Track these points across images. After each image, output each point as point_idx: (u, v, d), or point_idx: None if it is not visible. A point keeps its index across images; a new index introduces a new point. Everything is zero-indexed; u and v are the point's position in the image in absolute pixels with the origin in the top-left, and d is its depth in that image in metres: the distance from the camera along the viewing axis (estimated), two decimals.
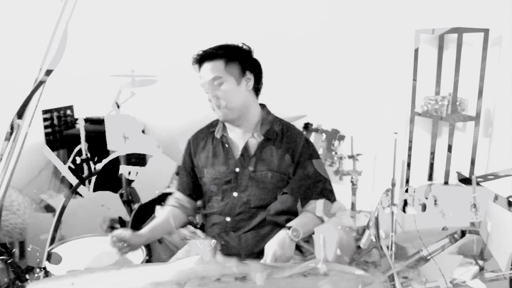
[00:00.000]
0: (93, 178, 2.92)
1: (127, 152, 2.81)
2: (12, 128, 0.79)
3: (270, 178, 1.68)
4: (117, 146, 2.82)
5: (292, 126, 1.80)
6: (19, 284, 1.03)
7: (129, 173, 2.80)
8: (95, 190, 2.89)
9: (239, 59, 1.67)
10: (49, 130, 3.40)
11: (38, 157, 3.13)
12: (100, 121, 3.41)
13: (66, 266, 1.54)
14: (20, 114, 0.83)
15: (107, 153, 2.89)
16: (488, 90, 3.03)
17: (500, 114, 3.10)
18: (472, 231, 1.95)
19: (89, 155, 2.99)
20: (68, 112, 3.55)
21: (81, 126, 3.02)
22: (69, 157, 3.31)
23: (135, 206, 2.68)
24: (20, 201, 2.42)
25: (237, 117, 1.70)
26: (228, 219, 1.71)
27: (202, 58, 1.67)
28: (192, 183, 1.84)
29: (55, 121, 3.45)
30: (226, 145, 1.73)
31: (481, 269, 2.12)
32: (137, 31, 3.40)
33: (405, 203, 2.00)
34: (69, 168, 2.80)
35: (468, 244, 2.08)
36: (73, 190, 2.63)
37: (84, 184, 2.78)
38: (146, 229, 1.70)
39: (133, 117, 3.08)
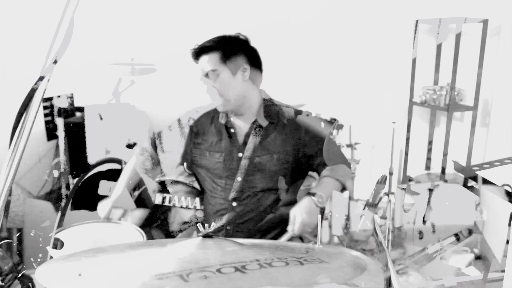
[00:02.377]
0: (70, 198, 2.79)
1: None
2: (17, 121, 0.80)
3: (276, 161, 1.72)
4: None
5: (293, 108, 1.84)
6: (24, 267, 1.06)
7: (110, 189, 2.66)
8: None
9: (234, 50, 1.69)
10: (49, 118, 3.41)
11: (37, 145, 3.15)
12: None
13: (68, 251, 1.57)
14: (24, 106, 0.84)
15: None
16: (486, 80, 3.05)
17: (498, 104, 3.12)
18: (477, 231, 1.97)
19: (67, 168, 2.81)
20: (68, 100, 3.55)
21: (60, 137, 2.82)
22: (69, 146, 3.32)
23: (135, 194, 2.70)
24: (20, 192, 2.45)
25: (236, 108, 1.73)
26: (234, 204, 1.74)
27: (199, 52, 1.70)
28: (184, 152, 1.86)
29: (55, 109, 3.45)
30: (232, 130, 1.76)
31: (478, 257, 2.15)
32: (137, 19, 3.39)
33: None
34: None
35: (473, 243, 2.09)
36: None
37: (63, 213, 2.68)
38: (120, 186, 1.82)
39: (132, 105, 3.10)
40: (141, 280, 0.75)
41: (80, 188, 2.62)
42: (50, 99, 3.36)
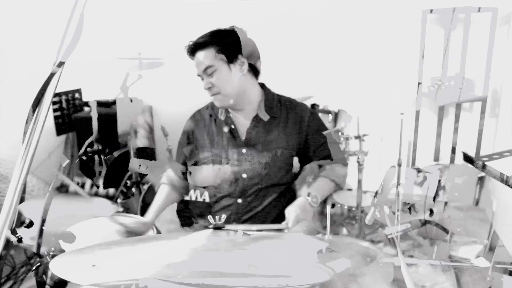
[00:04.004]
0: (103, 173, 2.93)
1: (137, 146, 2.83)
2: (33, 111, 0.81)
3: (280, 155, 1.69)
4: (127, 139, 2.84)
5: (294, 100, 1.80)
6: (38, 259, 1.07)
7: (140, 166, 2.80)
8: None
9: (229, 44, 1.65)
10: (58, 113, 3.43)
11: (48, 140, 3.17)
12: (108, 104, 3.44)
13: (79, 245, 1.58)
14: (37, 101, 0.84)
15: (117, 137, 2.90)
16: (496, 70, 3.02)
17: (507, 94, 3.09)
18: (433, 223, 1.96)
19: (100, 147, 2.97)
20: (76, 95, 3.57)
21: (94, 119, 2.99)
22: (78, 141, 3.35)
23: (145, 187, 2.72)
24: (34, 183, 2.47)
25: (235, 103, 1.69)
26: (239, 200, 1.72)
27: (194, 48, 1.66)
28: (186, 164, 1.85)
29: (64, 105, 3.47)
30: (232, 126, 1.74)
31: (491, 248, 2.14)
32: (144, 13, 3.39)
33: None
34: (80, 159, 2.84)
35: (427, 230, 2.09)
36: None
37: (98, 187, 2.83)
38: (150, 215, 1.73)
39: (140, 99, 3.11)
40: (154, 269, 0.76)
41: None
42: (59, 94, 3.40)
